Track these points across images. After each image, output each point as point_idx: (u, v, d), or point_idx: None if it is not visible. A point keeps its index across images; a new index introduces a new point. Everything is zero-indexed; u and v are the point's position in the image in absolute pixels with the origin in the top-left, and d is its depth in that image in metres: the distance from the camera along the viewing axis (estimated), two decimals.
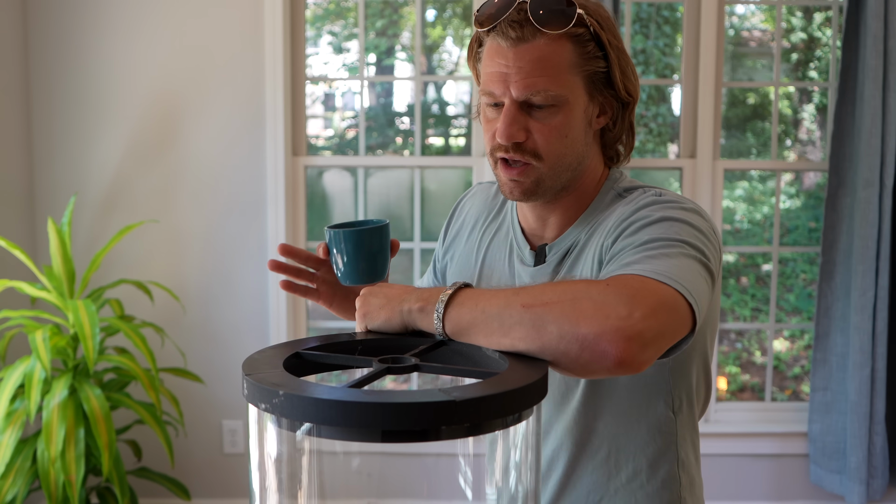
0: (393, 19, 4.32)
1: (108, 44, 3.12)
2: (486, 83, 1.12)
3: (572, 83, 1.09)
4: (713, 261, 1.04)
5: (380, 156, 3.86)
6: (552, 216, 1.19)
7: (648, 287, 0.92)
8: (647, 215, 1.07)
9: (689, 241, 1.02)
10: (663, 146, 4.43)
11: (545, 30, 1.07)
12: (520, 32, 1.07)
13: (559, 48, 1.08)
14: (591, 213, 1.17)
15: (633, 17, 3.70)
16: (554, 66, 1.08)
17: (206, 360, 3.18)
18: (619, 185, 1.18)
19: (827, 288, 3.11)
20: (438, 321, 0.95)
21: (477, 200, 1.35)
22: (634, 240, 1.04)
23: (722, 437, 3.23)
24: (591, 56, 1.10)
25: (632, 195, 1.16)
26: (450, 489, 0.95)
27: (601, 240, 1.12)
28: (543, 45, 1.07)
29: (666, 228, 1.04)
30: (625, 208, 1.12)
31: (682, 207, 1.08)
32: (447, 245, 1.37)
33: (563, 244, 1.18)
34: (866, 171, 2.95)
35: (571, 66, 1.09)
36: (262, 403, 0.80)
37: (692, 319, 0.95)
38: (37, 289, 2.70)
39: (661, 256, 0.98)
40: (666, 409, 1.17)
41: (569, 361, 0.89)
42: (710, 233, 1.08)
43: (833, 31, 3.34)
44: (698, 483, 1.24)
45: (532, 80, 1.08)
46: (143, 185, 3.17)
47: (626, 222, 1.09)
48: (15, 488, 2.60)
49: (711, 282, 1.03)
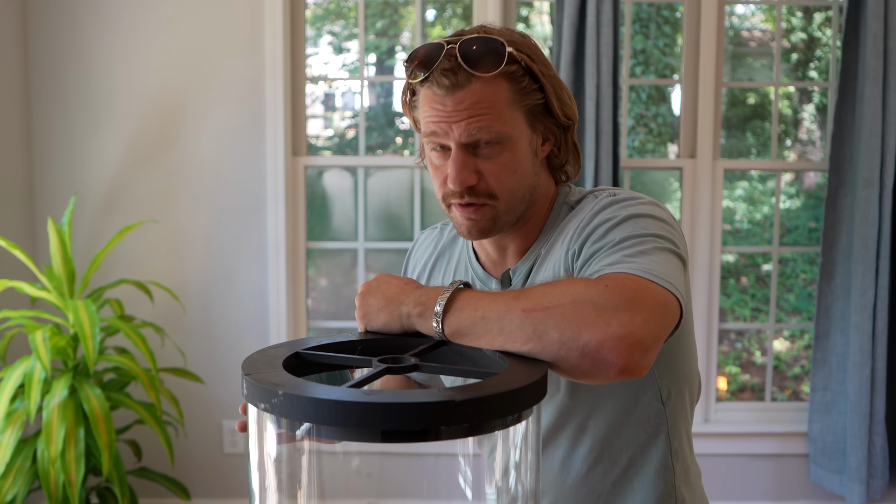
0: (393, 19, 4.32)
1: (108, 44, 3.12)
2: (427, 129, 1.12)
3: (513, 119, 1.10)
4: (682, 248, 1.07)
5: (380, 156, 3.86)
6: (511, 244, 1.20)
7: (644, 288, 0.92)
8: (611, 216, 1.08)
9: (659, 234, 1.04)
10: (663, 146, 4.42)
11: (478, 73, 1.07)
12: (454, 79, 1.07)
13: (495, 88, 1.08)
14: (548, 231, 1.18)
15: (633, 17, 3.70)
16: (493, 105, 1.08)
17: (206, 360, 3.18)
18: (570, 199, 1.20)
19: (827, 288, 3.11)
20: (438, 325, 0.95)
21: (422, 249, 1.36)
22: (607, 241, 1.05)
23: (722, 437, 3.23)
24: (527, 90, 1.10)
25: (583, 202, 1.17)
26: (450, 489, 0.95)
27: (564, 247, 1.12)
28: (479, 88, 1.08)
29: (633, 225, 1.05)
30: (581, 214, 1.13)
31: (640, 202, 1.10)
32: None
33: (525, 265, 1.19)
34: (866, 171, 2.95)
35: (510, 103, 1.10)
36: (261, 403, 0.80)
37: (680, 312, 0.97)
38: (37, 289, 2.70)
39: (639, 254, 1.00)
40: (654, 401, 1.17)
41: (569, 367, 0.89)
42: (672, 220, 1.10)
43: (833, 31, 3.34)
44: (693, 471, 1.25)
45: (474, 121, 1.08)
46: (143, 185, 3.17)
47: (591, 226, 1.09)
48: (15, 488, 2.60)
49: (685, 269, 1.05)
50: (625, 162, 3.20)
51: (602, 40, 2.94)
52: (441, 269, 1.32)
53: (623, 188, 1.18)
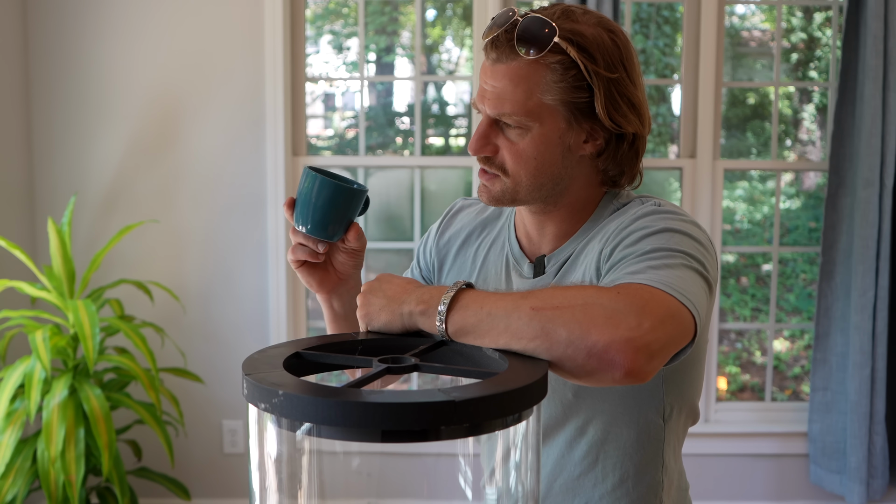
0: (393, 16, 4.32)
1: (108, 44, 3.12)
2: (477, 90, 1.15)
3: (545, 109, 1.09)
4: (711, 273, 1.05)
5: (380, 156, 3.86)
6: (548, 226, 1.20)
7: (657, 298, 0.92)
8: (648, 225, 1.07)
9: (691, 253, 1.03)
10: (663, 146, 4.42)
11: (521, 54, 1.07)
12: (499, 53, 1.09)
13: (533, 73, 1.08)
14: (590, 227, 1.18)
15: (633, 17, 3.70)
16: (525, 90, 1.08)
17: (206, 360, 3.18)
18: (618, 201, 1.19)
19: (827, 288, 3.11)
20: (441, 323, 0.94)
21: (466, 215, 1.35)
22: (636, 249, 1.04)
23: (722, 437, 3.23)
24: (571, 86, 1.09)
25: (628, 205, 1.16)
26: (450, 489, 0.95)
27: (599, 247, 1.12)
28: (518, 69, 1.08)
29: (667, 239, 1.04)
30: (623, 217, 1.13)
31: (682, 219, 1.09)
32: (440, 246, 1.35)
33: (560, 255, 1.18)
34: (866, 171, 2.95)
35: (545, 93, 1.09)
36: (261, 403, 0.80)
37: (694, 330, 0.96)
38: (37, 289, 2.70)
39: (663, 267, 0.99)
40: (656, 417, 1.17)
41: (575, 367, 0.89)
42: (709, 244, 1.09)
43: (833, 31, 3.34)
44: (676, 479, 1.24)
45: (501, 101, 1.09)
46: (143, 185, 3.17)
47: (626, 231, 1.09)
48: (15, 488, 2.60)
49: (710, 293, 1.04)
50: None
51: None
52: (474, 240, 1.31)
53: (669, 201, 1.16)
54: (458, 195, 1.24)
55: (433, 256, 1.35)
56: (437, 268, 1.34)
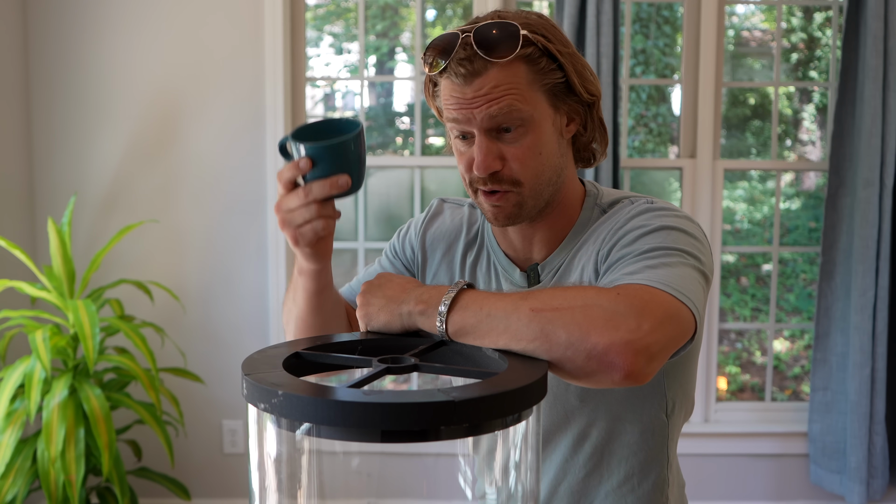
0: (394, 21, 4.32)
1: (108, 44, 3.12)
2: (449, 116, 1.12)
3: (534, 100, 1.09)
4: (707, 266, 1.06)
5: (380, 156, 3.86)
6: (538, 234, 1.19)
7: (656, 298, 0.92)
8: (644, 224, 1.08)
9: (687, 250, 1.04)
10: (663, 146, 4.42)
11: (494, 59, 1.07)
12: (471, 67, 1.07)
13: (513, 72, 1.08)
14: (578, 232, 1.18)
15: (633, 17, 3.70)
16: (512, 88, 1.08)
17: (206, 360, 3.18)
18: (602, 201, 1.19)
19: (827, 288, 3.11)
20: (441, 324, 0.95)
21: (444, 220, 1.33)
22: (634, 248, 1.05)
23: (722, 437, 3.23)
24: (546, 70, 1.09)
25: (618, 206, 1.17)
26: (449, 489, 0.95)
27: (595, 248, 1.12)
28: (497, 74, 1.07)
29: (664, 237, 1.05)
30: (616, 217, 1.13)
31: (675, 215, 1.10)
32: (426, 244, 1.33)
33: (554, 262, 1.18)
34: (866, 171, 2.95)
35: (530, 85, 1.09)
36: (261, 403, 0.80)
37: (694, 327, 0.97)
38: (37, 289, 2.70)
39: (662, 266, 0.99)
40: (659, 412, 1.17)
41: (574, 369, 0.89)
42: (703, 237, 1.10)
43: (833, 31, 3.34)
44: (676, 476, 1.25)
45: (495, 104, 1.08)
46: (143, 185, 3.17)
47: (622, 231, 1.09)
48: (15, 488, 2.60)
49: (707, 288, 1.05)
50: (625, 162, 3.20)
51: (602, 40, 2.94)
52: (456, 248, 1.29)
53: (659, 198, 1.16)
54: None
55: (417, 249, 1.33)
56: (421, 262, 1.32)
